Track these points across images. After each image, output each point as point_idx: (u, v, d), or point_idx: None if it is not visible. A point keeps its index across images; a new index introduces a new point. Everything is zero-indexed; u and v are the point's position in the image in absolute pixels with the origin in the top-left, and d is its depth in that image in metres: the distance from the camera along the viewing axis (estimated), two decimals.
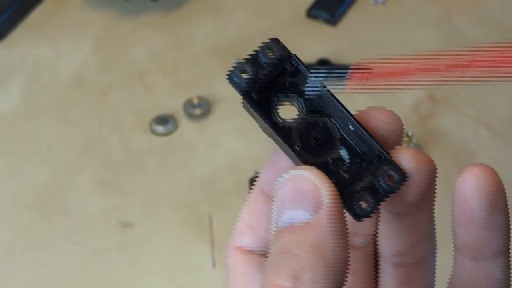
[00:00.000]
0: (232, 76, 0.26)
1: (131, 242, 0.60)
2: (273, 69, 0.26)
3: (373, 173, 0.25)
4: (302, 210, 0.23)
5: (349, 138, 0.26)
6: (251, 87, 0.26)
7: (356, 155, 0.26)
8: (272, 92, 0.26)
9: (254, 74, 0.26)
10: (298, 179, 0.24)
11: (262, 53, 0.26)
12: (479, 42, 0.77)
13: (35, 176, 0.66)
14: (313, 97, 0.26)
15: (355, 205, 0.25)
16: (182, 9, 0.85)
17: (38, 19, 0.85)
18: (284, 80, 0.27)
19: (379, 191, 0.25)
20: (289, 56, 0.27)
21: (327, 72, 0.26)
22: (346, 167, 0.26)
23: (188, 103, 0.71)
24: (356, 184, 0.25)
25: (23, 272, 0.58)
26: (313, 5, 0.83)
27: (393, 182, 0.25)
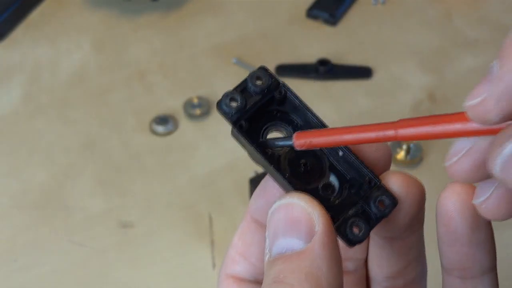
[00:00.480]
0: (222, 104, 0.26)
1: (131, 242, 0.60)
2: (262, 97, 0.26)
3: (364, 199, 0.25)
4: (295, 238, 0.23)
5: (338, 164, 0.26)
6: (241, 115, 0.26)
7: (346, 181, 0.26)
8: (261, 120, 0.26)
9: (243, 102, 0.26)
10: (290, 207, 0.24)
11: (251, 81, 0.26)
12: (479, 42, 0.77)
13: (35, 176, 0.66)
14: (302, 125, 0.26)
15: (348, 231, 0.25)
16: (182, 9, 0.85)
17: (38, 19, 0.85)
18: (273, 108, 0.27)
19: (371, 217, 0.25)
20: (278, 84, 0.26)
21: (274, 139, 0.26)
22: (336, 194, 0.26)
23: (188, 103, 0.71)
24: (348, 210, 0.25)
25: (23, 272, 0.58)
26: (313, 5, 0.83)
27: (384, 207, 0.25)
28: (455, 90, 0.71)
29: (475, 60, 0.75)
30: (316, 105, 0.77)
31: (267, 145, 0.26)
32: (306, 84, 0.74)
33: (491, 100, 0.20)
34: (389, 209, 0.25)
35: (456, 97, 0.71)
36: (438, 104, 0.70)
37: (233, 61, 0.77)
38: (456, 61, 0.75)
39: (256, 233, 0.28)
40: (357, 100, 0.72)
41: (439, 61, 0.75)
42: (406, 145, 0.63)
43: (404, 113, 0.69)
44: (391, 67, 0.75)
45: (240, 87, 0.26)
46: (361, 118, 0.69)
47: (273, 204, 0.25)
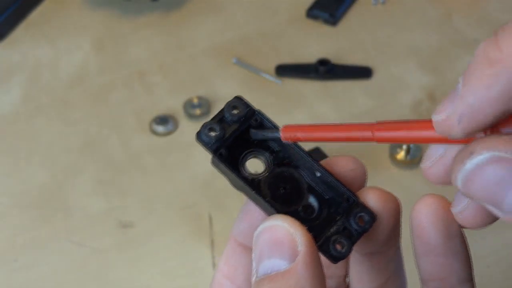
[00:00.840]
0: (201, 135, 0.27)
1: (131, 242, 0.60)
2: (239, 126, 0.27)
3: (344, 217, 0.26)
4: (280, 259, 0.24)
5: (316, 186, 0.27)
6: (220, 144, 0.27)
7: (324, 201, 0.27)
8: (240, 147, 0.27)
9: (221, 132, 0.27)
10: (274, 229, 0.25)
11: (228, 111, 0.27)
12: (479, 42, 0.77)
13: (35, 176, 0.66)
14: (278, 150, 0.27)
15: (331, 248, 0.26)
16: (182, 9, 0.85)
17: (38, 19, 0.85)
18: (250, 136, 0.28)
19: (352, 233, 0.26)
20: (253, 112, 0.28)
21: (263, 132, 0.27)
22: (316, 214, 0.27)
23: (188, 103, 0.71)
24: (329, 228, 0.26)
25: (23, 272, 0.58)
26: (313, 5, 0.83)
27: (364, 223, 0.26)
28: None
29: None
30: (316, 105, 0.77)
31: (255, 137, 0.27)
32: (306, 84, 0.74)
33: (454, 118, 0.21)
34: (369, 224, 0.26)
35: None
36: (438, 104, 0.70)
37: (233, 61, 0.77)
38: (456, 61, 0.75)
39: (241, 256, 0.29)
40: (357, 100, 0.72)
41: (439, 61, 0.75)
42: (406, 145, 0.63)
43: (404, 113, 0.69)
44: (391, 67, 0.75)
45: (217, 117, 0.27)
46: (361, 118, 0.69)
47: (258, 227, 0.26)
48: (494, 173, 0.20)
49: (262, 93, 0.73)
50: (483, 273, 0.55)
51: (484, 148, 0.21)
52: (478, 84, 0.20)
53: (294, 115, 0.70)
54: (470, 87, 0.21)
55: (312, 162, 0.27)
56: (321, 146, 0.62)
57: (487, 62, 0.20)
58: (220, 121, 0.27)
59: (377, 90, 0.73)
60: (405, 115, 0.69)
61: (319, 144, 0.62)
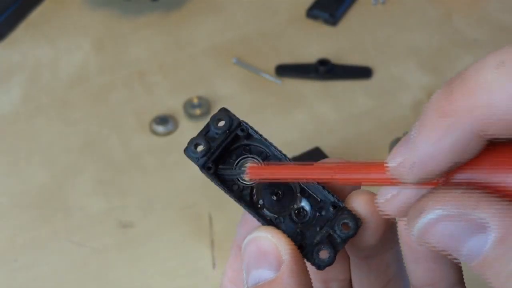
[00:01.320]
0: (188, 151, 0.28)
1: (131, 242, 0.60)
2: (226, 137, 0.28)
3: (331, 222, 0.27)
4: (266, 269, 0.25)
5: (308, 189, 0.28)
6: (208, 158, 0.28)
7: (316, 204, 0.28)
8: (231, 156, 0.28)
9: (208, 146, 0.28)
10: (259, 241, 0.26)
11: (213, 125, 0.28)
12: (479, 42, 0.77)
13: (35, 176, 0.66)
14: (270, 155, 0.28)
15: (315, 256, 0.26)
16: (182, 9, 0.85)
17: (38, 19, 0.85)
18: (240, 143, 0.28)
19: (337, 240, 0.26)
20: (239, 123, 0.28)
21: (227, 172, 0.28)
22: (308, 217, 0.27)
23: (188, 103, 0.71)
24: (316, 235, 0.27)
25: (23, 272, 0.58)
26: (313, 5, 0.83)
27: (349, 230, 0.26)
28: None
29: (475, 60, 0.75)
30: (316, 105, 0.77)
31: (223, 177, 0.28)
32: (306, 84, 0.74)
33: (407, 164, 0.22)
34: (354, 230, 0.26)
35: None
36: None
37: (233, 61, 0.77)
38: (456, 61, 0.75)
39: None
40: (357, 100, 0.72)
41: (439, 61, 0.75)
42: None
43: (404, 113, 0.69)
44: (391, 67, 0.75)
45: (204, 131, 0.28)
46: (361, 118, 0.69)
47: (245, 239, 0.27)
48: (445, 229, 0.21)
49: (262, 93, 0.73)
50: None
51: (434, 206, 0.21)
52: (430, 135, 0.21)
53: (294, 115, 0.70)
54: (422, 138, 0.21)
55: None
56: (321, 146, 0.62)
57: (440, 114, 0.21)
58: (206, 135, 0.28)
59: (377, 90, 0.73)
60: (405, 115, 0.69)
61: (319, 144, 0.62)
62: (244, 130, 0.28)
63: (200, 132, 0.28)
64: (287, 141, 0.67)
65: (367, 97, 0.72)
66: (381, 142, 0.66)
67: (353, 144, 0.67)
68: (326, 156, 0.60)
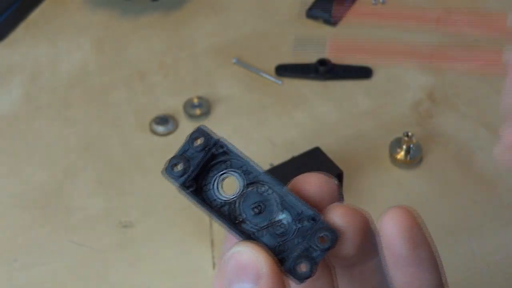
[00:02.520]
0: (167, 171, 0.29)
1: (131, 242, 0.60)
2: (204, 155, 0.29)
3: (309, 235, 0.27)
4: (246, 283, 0.26)
5: (288, 203, 0.28)
6: (187, 177, 0.29)
7: (296, 217, 0.28)
8: (210, 173, 0.29)
9: (186, 165, 0.29)
10: (238, 255, 0.27)
11: (190, 143, 0.29)
12: (479, 42, 0.77)
13: (35, 176, 0.66)
14: (247, 171, 0.29)
15: (295, 269, 0.27)
16: (182, 9, 0.85)
17: (38, 19, 0.85)
18: (218, 160, 0.29)
19: (315, 253, 0.27)
20: (216, 141, 0.29)
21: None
22: (288, 230, 0.28)
23: (188, 103, 0.71)
24: (296, 248, 0.28)
25: (23, 272, 0.58)
26: (313, 5, 0.83)
27: (326, 242, 0.27)
28: (455, 90, 0.71)
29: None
30: (316, 105, 0.77)
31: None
32: (306, 84, 0.74)
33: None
34: (331, 242, 0.27)
35: (456, 97, 0.71)
36: (438, 104, 0.70)
37: (233, 61, 0.77)
38: (456, 61, 0.75)
39: None
40: (357, 100, 0.72)
41: (439, 61, 0.75)
42: (406, 145, 0.63)
43: (404, 113, 0.69)
44: (391, 67, 0.75)
45: (181, 150, 0.29)
46: (361, 118, 0.69)
47: (224, 256, 0.27)
48: None
49: (262, 93, 0.73)
50: (483, 273, 0.55)
51: None
52: None
53: (294, 115, 0.70)
54: None
55: (275, 183, 0.28)
56: (321, 146, 0.62)
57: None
58: (184, 155, 0.29)
59: (377, 90, 0.73)
60: (405, 115, 0.69)
61: (319, 144, 0.62)
62: (222, 146, 0.29)
63: (178, 151, 0.29)
64: (287, 141, 0.67)
65: (367, 97, 0.72)
66: (381, 142, 0.66)
67: (353, 144, 0.67)
68: (326, 156, 0.60)
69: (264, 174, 0.28)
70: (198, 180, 0.29)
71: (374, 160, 0.65)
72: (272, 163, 0.61)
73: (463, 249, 0.57)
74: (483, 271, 0.55)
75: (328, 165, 0.60)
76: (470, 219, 0.59)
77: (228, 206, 0.29)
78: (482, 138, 0.66)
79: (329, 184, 0.29)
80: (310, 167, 0.59)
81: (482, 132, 0.67)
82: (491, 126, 0.67)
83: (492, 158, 0.25)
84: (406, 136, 0.63)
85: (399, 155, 0.64)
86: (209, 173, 0.29)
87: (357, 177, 0.63)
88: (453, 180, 0.63)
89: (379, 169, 0.64)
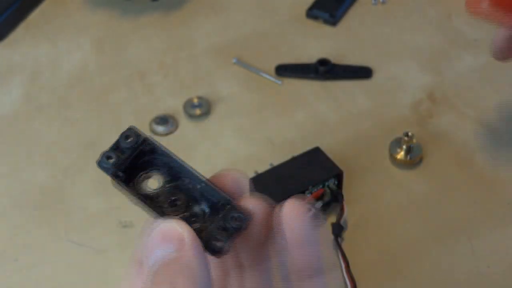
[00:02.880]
0: (101, 163, 0.33)
1: (131, 242, 0.60)
2: (133, 151, 0.33)
3: (225, 217, 0.32)
4: (169, 249, 0.30)
5: (206, 193, 0.32)
6: (117, 169, 0.33)
7: (214, 205, 0.32)
8: (137, 168, 0.33)
9: (117, 158, 0.33)
10: (163, 225, 0.30)
11: (122, 140, 0.33)
12: (479, 42, 0.77)
13: (35, 176, 0.66)
14: (172, 166, 0.33)
15: (212, 244, 0.31)
16: (182, 9, 0.85)
17: (38, 19, 0.85)
18: (146, 158, 0.33)
19: (230, 231, 0.31)
20: (144, 139, 0.33)
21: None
22: (207, 217, 0.32)
23: (188, 103, 0.71)
24: (213, 228, 0.31)
25: (23, 272, 0.58)
26: (313, 5, 0.83)
27: (239, 222, 0.31)
28: (455, 90, 0.71)
29: (475, 60, 0.75)
30: (316, 105, 0.77)
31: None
32: (306, 84, 0.74)
33: None
34: (244, 222, 0.31)
35: (456, 97, 0.71)
36: (438, 104, 0.70)
37: (233, 61, 0.77)
38: (456, 61, 0.75)
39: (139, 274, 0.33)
40: (357, 100, 0.72)
41: (439, 61, 0.75)
42: (406, 145, 0.63)
43: (404, 113, 0.69)
44: (391, 67, 0.75)
45: (113, 146, 0.33)
46: (361, 118, 0.69)
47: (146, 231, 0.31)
48: None
49: (262, 93, 0.73)
50: (483, 273, 0.55)
51: None
52: None
53: (294, 115, 0.70)
54: None
55: (196, 176, 0.32)
56: (321, 146, 0.62)
57: None
58: (116, 150, 0.33)
59: (377, 90, 0.73)
60: (405, 115, 0.69)
61: (319, 144, 0.62)
62: (149, 145, 0.33)
63: (111, 146, 0.33)
64: (287, 141, 0.67)
65: (367, 97, 0.72)
66: (381, 142, 0.66)
67: (353, 144, 0.67)
68: (326, 156, 0.60)
69: (187, 169, 0.32)
70: (127, 173, 0.33)
71: (374, 160, 0.65)
72: (272, 163, 0.61)
73: (463, 249, 0.57)
74: (483, 271, 0.55)
75: (328, 165, 0.60)
76: (470, 219, 0.59)
77: (154, 197, 0.32)
78: (482, 138, 0.66)
79: (241, 178, 0.34)
80: (310, 167, 0.59)
81: (482, 132, 0.67)
82: (491, 126, 0.68)
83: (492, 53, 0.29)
84: (406, 136, 0.63)
85: (399, 155, 0.64)
86: (137, 167, 0.33)
87: (357, 177, 0.63)
88: (453, 180, 0.63)
89: (379, 169, 0.64)
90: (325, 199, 0.59)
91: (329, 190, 0.59)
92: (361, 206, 0.61)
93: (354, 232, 0.59)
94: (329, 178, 0.59)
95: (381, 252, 0.57)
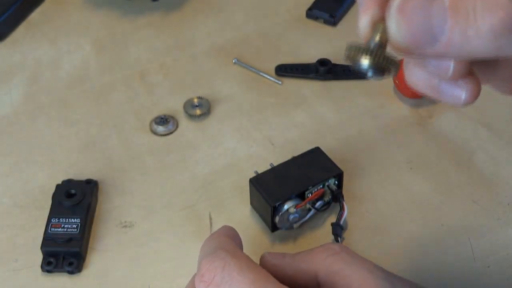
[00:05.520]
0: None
1: (131, 242, 0.60)
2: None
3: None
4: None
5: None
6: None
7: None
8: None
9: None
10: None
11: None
12: None
13: (36, 176, 0.66)
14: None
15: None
16: (182, 9, 0.85)
17: (38, 19, 0.85)
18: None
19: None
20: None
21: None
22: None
23: (188, 103, 0.71)
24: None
25: (23, 272, 0.58)
26: (313, 5, 0.83)
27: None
28: None
29: None
30: (316, 105, 0.77)
31: None
32: (306, 84, 0.74)
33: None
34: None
35: None
36: (438, 104, 0.70)
37: (233, 61, 0.77)
38: None
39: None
40: (357, 100, 0.72)
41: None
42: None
43: (404, 113, 0.69)
44: None
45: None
46: (361, 118, 0.69)
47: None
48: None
49: (262, 93, 0.73)
50: (483, 273, 0.55)
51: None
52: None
53: (294, 115, 0.70)
54: None
55: None
56: (321, 146, 0.62)
57: None
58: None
59: (377, 90, 0.73)
60: (405, 115, 0.69)
61: (319, 144, 0.62)
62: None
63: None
64: (287, 141, 0.67)
65: (367, 97, 0.72)
66: (381, 142, 0.66)
67: (353, 144, 0.67)
68: (326, 156, 0.60)
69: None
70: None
71: (374, 160, 0.65)
72: (272, 163, 0.61)
73: (463, 249, 0.57)
74: (483, 271, 0.55)
75: (328, 165, 0.60)
76: (470, 219, 0.59)
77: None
78: (482, 138, 0.66)
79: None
80: (310, 167, 0.59)
81: (482, 132, 0.67)
82: (491, 126, 0.68)
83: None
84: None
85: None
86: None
87: (357, 177, 0.63)
88: (453, 180, 0.63)
89: (379, 169, 0.64)
90: (325, 199, 0.59)
91: (329, 190, 0.59)
92: (361, 206, 0.61)
93: (354, 232, 0.59)
94: (329, 178, 0.59)
95: (381, 252, 0.57)
